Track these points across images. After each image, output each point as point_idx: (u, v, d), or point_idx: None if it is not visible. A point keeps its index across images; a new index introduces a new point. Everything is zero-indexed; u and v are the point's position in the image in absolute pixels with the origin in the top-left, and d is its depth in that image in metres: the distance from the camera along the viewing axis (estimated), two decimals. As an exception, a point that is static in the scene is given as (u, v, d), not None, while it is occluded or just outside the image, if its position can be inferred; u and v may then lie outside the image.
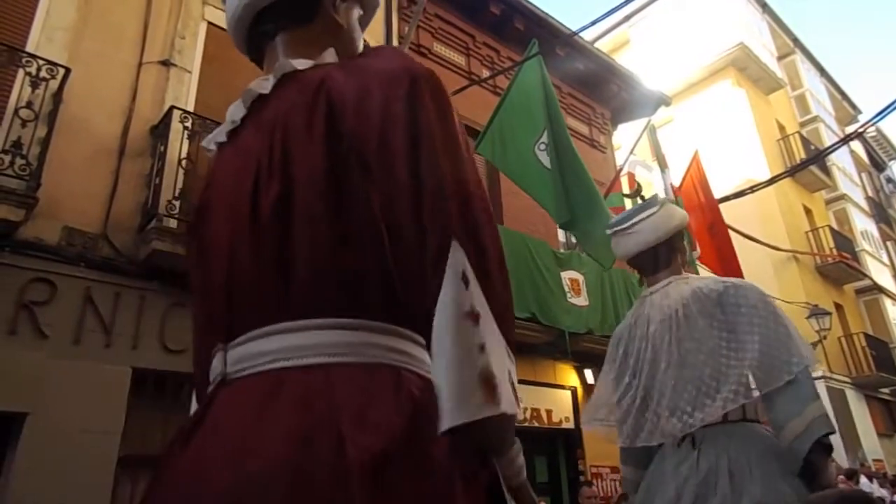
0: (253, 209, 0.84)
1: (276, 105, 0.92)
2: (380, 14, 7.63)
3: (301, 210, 0.82)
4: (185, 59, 5.55)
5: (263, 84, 0.96)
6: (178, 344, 4.71)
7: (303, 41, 1.03)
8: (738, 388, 1.81)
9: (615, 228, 2.30)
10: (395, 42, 7.56)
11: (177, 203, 4.72)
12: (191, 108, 5.32)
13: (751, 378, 1.84)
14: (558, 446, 7.61)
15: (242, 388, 0.78)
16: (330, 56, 0.99)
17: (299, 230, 0.81)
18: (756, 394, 1.84)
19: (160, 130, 5.06)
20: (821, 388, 11.84)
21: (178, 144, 4.91)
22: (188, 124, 4.98)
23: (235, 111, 1.00)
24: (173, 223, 4.75)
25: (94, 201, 4.74)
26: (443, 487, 0.68)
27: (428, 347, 0.76)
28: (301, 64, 0.95)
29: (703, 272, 7.48)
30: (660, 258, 2.20)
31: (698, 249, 7.23)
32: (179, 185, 4.82)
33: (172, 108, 4.99)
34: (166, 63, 5.40)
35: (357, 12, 1.13)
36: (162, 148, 4.94)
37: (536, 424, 7.09)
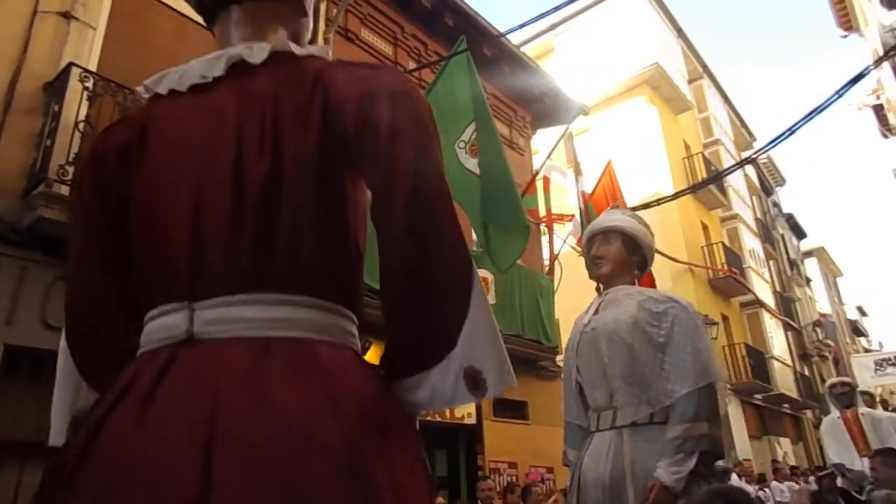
0: (236, 179, 0.84)
1: (267, 82, 0.90)
2: (308, -8, 7.39)
3: (289, 192, 0.84)
4: (89, 14, 5.11)
5: (251, 53, 0.92)
6: (62, 321, 4.35)
7: (262, 11, 1.01)
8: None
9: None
10: (321, 25, 7.35)
11: (70, 168, 4.35)
12: (93, 68, 4.92)
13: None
14: (459, 441, 7.70)
15: (219, 350, 0.78)
16: (308, 45, 1.02)
17: (285, 211, 0.84)
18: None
19: (55, 88, 4.64)
20: (704, 392, 12.65)
21: (75, 105, 4.52)
22: (89, 84, 4.59)
23: (208, 67, 0.94)
24: (65, 189, 4.37)
25: (-28, 159, 4.29)
26: (411, 441, 0.83)
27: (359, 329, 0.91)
28: (296, 49, 0.95)
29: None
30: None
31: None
32: (75, 149, 4.45)
33: (71, 64, 4.59)
34: (67, 15, 4.95)
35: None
36: (56, 107, 4.53)
37: (439, 419, 7.14)
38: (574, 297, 12.04)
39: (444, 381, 0.83)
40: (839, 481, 4.88)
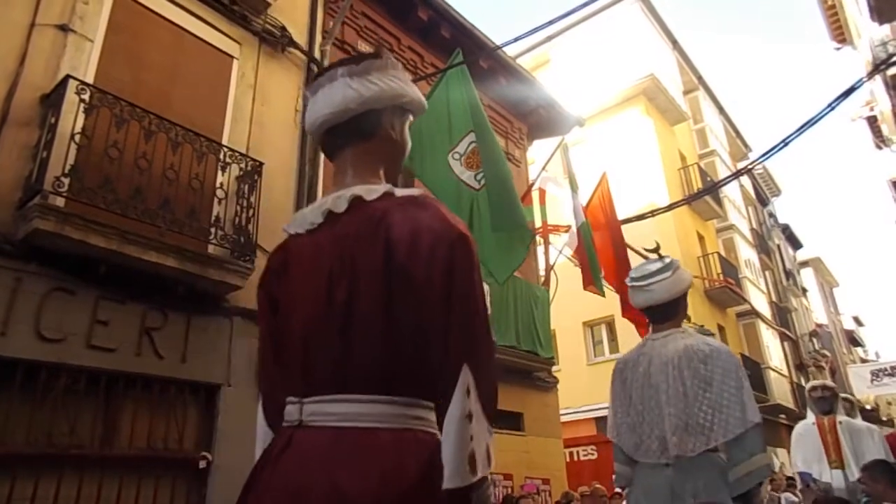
0: (327, 302, 1.18)
1: (347, 225, 1.24)
2: (305, 6, 7.44)
3: (360, 316, 1.15)
4: (86, 27, 5.14)
5: (337, 204, 1.27)
6: (56, 332, 4.34)
7: (366, 153, 1.35)
8: (708, 434, 2.39)
9: (634, 283, 2.80)
10: (318, 37, 7.39)
11: (66, 180, 4.34)
12: (90, 80, 4.93)
13: (714, 424, 2.40)
14: (455, 452, 7.67)
15: (314, 435, 1.14)
16: (390, 179, 1.36)
17: (358, 331, 1.14)
18: (719, 436, 2.39)
19: (52, 100, 4.65)
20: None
21: (72, 117, 4.52)
22: (86, 97, 4.60)
23: (316, 215, 1.30)
24: (60, 201, 4.37)
25: (-33, 170, 4.28)
26: None
27: (435, 409, 1.17)
28: (367, 193, 1.26)
29: (609, 293, 7.80)
30: (666, 313, 2.73)
31: (603, 270, 7.52)
32: (71, 160, 4.45)
33: (68, 77, 4.61)
34: (64, 28, 4.96)
35: (409, 120, 1.45)
36: (53, 119, 4.54)
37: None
38: (569, 308, 12.06)
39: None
40: (799, 490, 4.66)
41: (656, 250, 3.03)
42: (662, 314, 2.73)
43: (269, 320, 1.34)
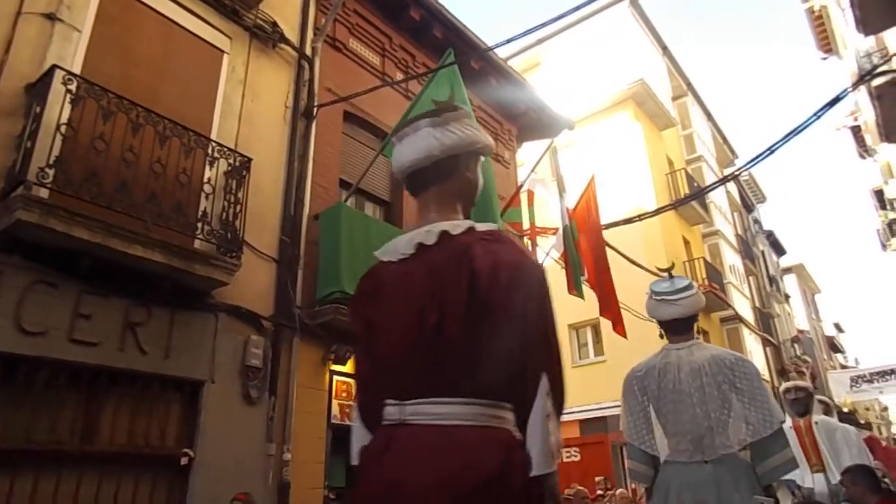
0: (420, 325, 1.37)
1: (436, 256, 1.43)
2: (297, 2, 7.40)
3: (448, 334, 1.34)
4: (74, 16, 5.07)
5: (427, 237, 1.47)
6: (38, 325, 4.28)
7: (445, 192, 1.57)
8: (739, 435, 2.69)
9: (663, 298, 3.07)
10: (309, 34, 7.35)
11: (50, 171, 4.28)
12: (77, 71, 4.87)
13: (743, 426, 2.70)
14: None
15: (416, 431, 1.36)
16: (466, 213, 1.59)
17: (445, 346, 1.35)
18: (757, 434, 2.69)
19: (38, 90, 4.58)
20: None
21: (58, 107, 4.45)
22: (72, 87, 4.54)
23: (407, 246, 1.50)
24: (44, 193, 4.31)
25: (-51, 159, 4.20)
26: (521, 497, 1.27)
27: (513, 411, 1.37)
28: (453, 228, 1.47)
29: (590, 295, 7.83)
30: (688, 325, 3.05)
31: (587, 273, 7.55)
32: (56, 152, 4.38)
33: (55, 67, 4.54)
34: (51, 17, 4.89)
35: (481, 161, 1.67)
36: (38, 109, 4.47)
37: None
38: (556, 309, 12.09)
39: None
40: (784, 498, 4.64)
41: (669, 270, 3.32)
42: (684, 326, 3.03)
43: (364, 338, 1.52)
